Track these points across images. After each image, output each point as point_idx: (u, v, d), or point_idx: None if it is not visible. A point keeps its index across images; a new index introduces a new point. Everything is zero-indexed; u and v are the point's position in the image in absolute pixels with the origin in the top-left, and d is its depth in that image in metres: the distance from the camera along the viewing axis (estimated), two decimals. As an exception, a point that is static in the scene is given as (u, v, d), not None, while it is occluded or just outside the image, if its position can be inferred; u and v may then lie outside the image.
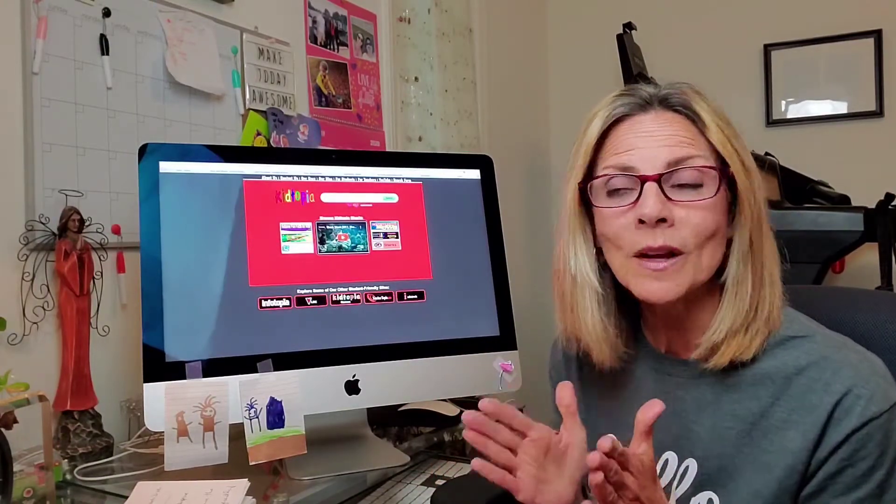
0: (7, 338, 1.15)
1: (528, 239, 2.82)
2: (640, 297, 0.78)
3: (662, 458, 0.82)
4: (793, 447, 0.72)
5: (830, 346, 0.75)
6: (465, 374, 1.23)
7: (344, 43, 1.88)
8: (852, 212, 2.00)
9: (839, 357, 0.73)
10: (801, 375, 0.74)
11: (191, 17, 1.45)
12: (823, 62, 2.53)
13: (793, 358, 0.75)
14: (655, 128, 0.78)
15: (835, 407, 0.71)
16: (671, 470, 0.81)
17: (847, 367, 0.72)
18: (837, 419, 0.70)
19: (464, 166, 1.35)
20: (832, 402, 0.71)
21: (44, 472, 0.98)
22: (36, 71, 1.20)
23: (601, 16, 2.83)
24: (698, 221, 0.75)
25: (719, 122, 0.78)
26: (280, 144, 1.62)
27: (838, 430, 0.70)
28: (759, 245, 0.77)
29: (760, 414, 0.75)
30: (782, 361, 0.75)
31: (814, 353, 0.74)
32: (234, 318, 1.10)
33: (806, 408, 0.72)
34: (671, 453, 0.82)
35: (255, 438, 1.02)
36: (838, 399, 0.71)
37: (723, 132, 0.77)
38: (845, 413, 0.70)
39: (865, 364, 0.73)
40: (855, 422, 0.70)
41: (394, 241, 1.25)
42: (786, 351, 0.76)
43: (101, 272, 1.26)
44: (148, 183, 1.11)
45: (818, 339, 0.76)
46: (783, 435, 0.73)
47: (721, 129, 0.77)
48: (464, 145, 2.12)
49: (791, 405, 0.73)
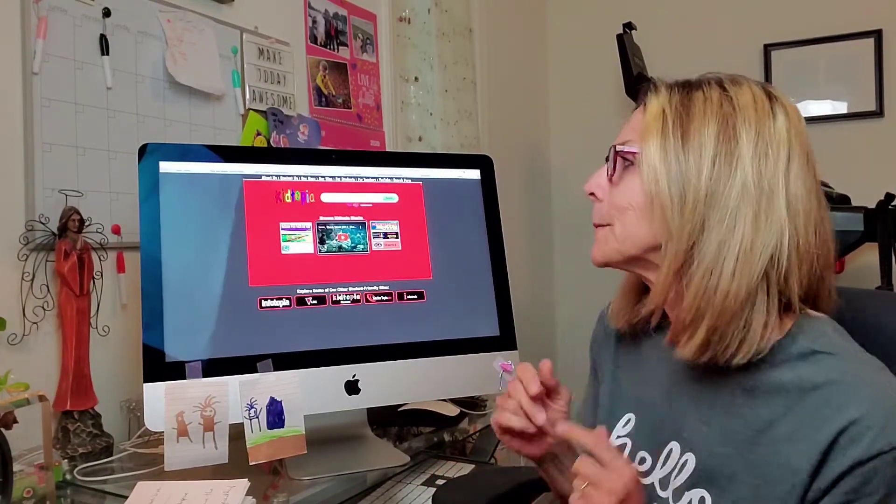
0: (7, 338, 1.15)
1: (528, 239, 2.82)
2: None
3: (667, 447, 0.82)
4: (795, 465, 0.70)
5: (854, 368, 0.71)
6: (465, 374, 1.23)
7: (344, 43, 1.88)
8: (852, 212, 2.00)
9: (859, 381, 0.70)
10: (816, 392, 0.71)
11: (191, 17, 1.45)
12: (823, 62, 2.53)
13: (812, 373, 0.72)
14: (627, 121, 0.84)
15: (841, 432, 0.67)
16: (672, 461, 0.81)
17: (865, 393, 0.68)
18: (843, 446, 0.67)
19: (464, 166, 1.35)
20: (839, 426, 0.67)
21: (44, 472, 0.98)
22: (36, 71, 1.20)
23: (601, 16, 2.83)
24: (611, 196, 0.83)
25: (667, 108, 0.78)
26: (280, 144, 1.62)
27: (842, 459, 0.67)
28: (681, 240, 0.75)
29: (769, 423, 0.73)
30: (800, 375, 0.73)
31: (834, 372, 0.71)
32: (234, 318, 1.10)
33: (813, 426, 0.69)
34: (675, 444, 0.82)
35: (255, 438, 1.02)
36: (846, 425, 0.67)
37: (661, 116, 0.78)
38: (851, 441, 0.66)
39: (888, 395, 0.68)
40: (860, 453, 0.66)
41: (394, 241, 1.25)
42: (807, 364, 0.73)
43: (101, 272, 1.26)
44: (148, 183, 1.11)
45: (844, 357, 0.73)
46: (787, 449, 0.71)
47: (661, 115, 0.78)
48: (464, 145, 2.12)
49: (800, 420, 0.71)
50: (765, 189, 0.74)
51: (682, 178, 0.75)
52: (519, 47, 2.81)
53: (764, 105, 0.77)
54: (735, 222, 0.73)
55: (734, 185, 0.74)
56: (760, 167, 0.74)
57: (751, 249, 0.73)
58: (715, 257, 0.73)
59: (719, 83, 0.79)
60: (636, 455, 0.86)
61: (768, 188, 0.74)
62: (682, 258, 0.75)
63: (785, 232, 0.73)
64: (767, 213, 0.73)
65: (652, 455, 0.84)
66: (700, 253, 0.74)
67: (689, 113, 0.77)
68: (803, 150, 0.77)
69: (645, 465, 0.84)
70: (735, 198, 0.73)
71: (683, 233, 0.75)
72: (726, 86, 0.79)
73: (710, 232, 0.74)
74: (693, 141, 0.76)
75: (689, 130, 0.76)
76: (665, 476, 0.81)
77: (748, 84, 0.79)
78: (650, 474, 0.83)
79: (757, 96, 0.77)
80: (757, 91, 0.78)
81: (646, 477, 0.84)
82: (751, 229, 0.73)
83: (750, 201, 0.73)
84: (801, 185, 0.75)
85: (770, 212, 0.73)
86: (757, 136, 0.75)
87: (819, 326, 0.76)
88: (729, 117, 0.76)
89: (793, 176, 0.75)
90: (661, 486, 0.82)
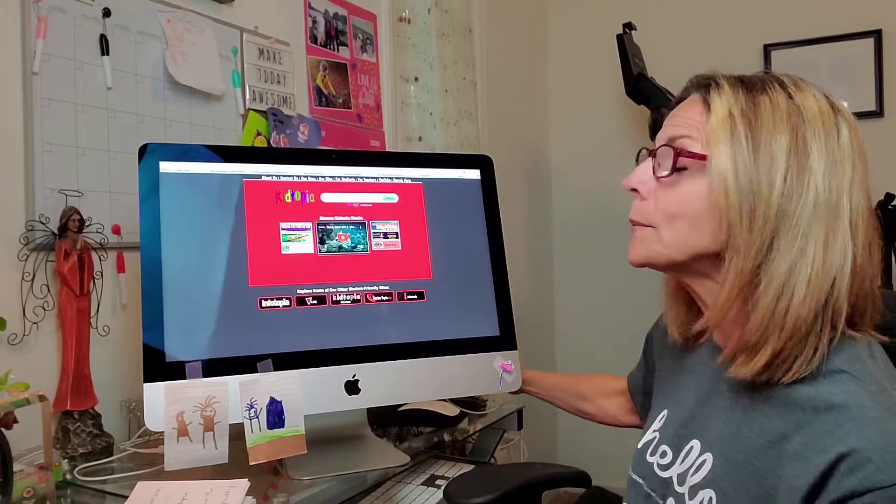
0: (7, 338, 1.15)
1: (528, 239, 2.82)
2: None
3: (689, 444, 0.82)
4: (794, 484, 0.68)
5: (874, 401, 0.68)
6: (465, 374, 1.23)
7: (344, 43, 1.88)
8: (852, 212, 2.00)
9: (874, 415, 0.66)
10: (827, 413, 0.68)
11: (191, 17, 1.45)
12: (823, 62, 2.53)
13: (829, 392, 0.69)
14: (678, 111, 0.80)
15: (839, 459, 0.64)
16: (692, 458, 0.80)
17: (874, 427, 0.65)
18: (841, 474, 0.64)
19: (464, 166, 1.35)
20: (839, 452, 0.65)
21: (44, 472, 0.98)
22: (36, 71, 1.20)
23: (601, 16, 2.83)
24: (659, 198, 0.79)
25: (735, 111, 0.74)
26: (280, 144, 1.62)
27: (838, 487, 0.64)
28: (750, 251, 0.72)
29: (782, 436, 0.71)
30: (818, 392, 0.70)
31: (851, 397, 0.68)
32: (234, 318, 1.10)
33: (818, 448, 0.67)
34: (696, 442, 0.81)
35: (255, 438, 1.02)
36: (846, 452, 0.64)
37: (729, 120, 0.74)
38: (850, 471, 0.64)
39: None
40: (856, 483, 0.63)
41: (394, 241, 1.25)
42: (829, 383, 0.70)
43: (101, 272, 1.26)
44: (148, 183, 1.11)
45: (869, 387, 0.69)
46: (793, 466, 0.69)
47: (729, 119, 0.74)
48: (464, 145, 2.12)
49: (807, 439, 0.69)
50: (832, 207, 0.71)
51: (752, 191, 0.71)
52: (519, 47, 2.81)
53: (830, 117, 0.74)
54: (807, 243, 0.70)
55: (806, 202, 0.71)
56: (831, 184, 0.71)
57: (822, 271, 0.70)
58: (786, 279, 0.70)
59: (782, 86, 0.76)
60: (658, 448, 0.87)
61: (835, 206, 0.71)
62: (749, 277, 0.71)
63: (848, 252, 0.70)
64: (835, 233, 0.70)
65: (673, 450, 0.84)
66: (768, 273, 0.71)
67: (759, 120, 0.73)
68: (864, 164, 0.75)
69: (666, 459, 0.85)
70: (807, 216, 0.70)
71: (752, 249, 0.71)
72: (791, 91, 0.75)
73: (779, 251, 0.71)
74: (765, 151, 0.72)
75: (760, 139, 0.72)
76: (683, 472, 0.81)
77: (811, 91, 0.76)
78: (669, 468, 0.83)
79: (822, 107, 0.74)
80: (821, 101, 0.75)
81: (665, 471, 0.84)
82: (821, 250, 0.70)
83: (821, 220, 0.70)
84: (862, 201, 0.73)
85: (837, 231, 0.70)
86: (826, 151, 0.72)
87: (856, 347, 0.73)
88: (798, 128, 0.73)
89: (855, 192, 0.72)
90: (678, 481, 0.81)
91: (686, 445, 0.82)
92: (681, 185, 0.77)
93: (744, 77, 0.78)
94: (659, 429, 0.89)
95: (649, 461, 0.87)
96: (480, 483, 1.05)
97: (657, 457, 0.86)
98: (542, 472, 1.13)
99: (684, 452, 0.82)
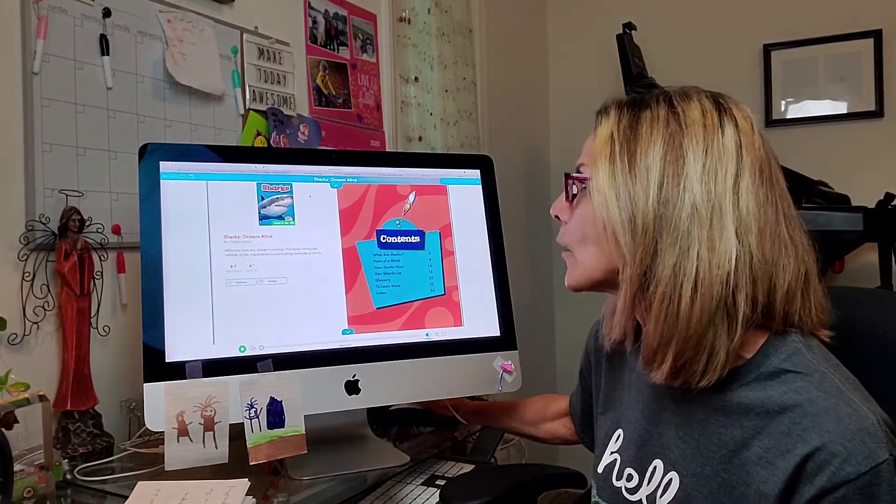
0: (7, 338, 1.15)
1: (528, 239, 2.82)
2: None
3: (651, 464, 0.82)
4: (766, 490, 0.68)
5: (821, 390, 0.69)
6: (465, 374, 1.23)
7: (344, 43, 1.88)
8: (852, 212, 2.00)
9: (825, 405, 0.67)
10: (782, 415, 0.69)
11: (191, 17, 1.45)
12: (823, 62, 2.53)
13: (779, 394, 0.70)
14: (586, 141, 0.86)
15: (805, 459, 0.66)
16: (657, 478, 0.81)
17: (829, 418, 0.66)
18: (809, 474, 0.65)
19: (464, 166, 1.35)
20: (803, 453, 0.66)
21: (44, 472, 0.98)
22: (36, 71, 1.20)
23: (601, 16, 2.83)
24: (569, 223, 0.86)
25: (615, 131, 0.77)
26: (280, 144, 1.62)
27: (809, 487, 0.65)
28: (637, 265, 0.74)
29: (742, 444, 0.72)
30: (768, 395, 0.71)
31: (801, 394, 0.69)
32: (234, 318, 1.10)
33: (780, 451, 0.68)
34: (659, 461, 0.81)
35: (255, 438, 1.02)
36: (810, 452, 0.66)
37: (609, 140, 0.77)
38: (818, 469, 0.65)
39: (853, 419, 0.66)
40: (826, 482, 0.64)
41: (394, 241, 1.25)
42: (777, 384, 0.71)
43: (102, 272, 1.26)
44: (148, 183, 1.11)
45: (813, 378, 0.70)
46: (758, 472, 0.70)
47: (609, 139, 0.78)
48: (464, 145, 2.12)
49: (768, 444, 0.70)
50: (715, 208, 0.71)
51: (630, 202, 0.74)
52: (519, 47, 2.81)
53: (713, 119, 0.74)
54: (688, 244, 0.71)
55: (683, 206, 0.72)
56: (709, 186, 0.72)
57: (708, 272, 0.70)
58: (671, 281, 0.72)
59: (668, 99, 0.77)
60: (624, 471, 0.86)
61: (718, 207, 0.71)
62: (638, 282, 0.74)
63: (739, 251, 0.71)
64: (721, 234, 0.71)
65: (638, 471, 0.84)
66: (655, 277, 0.73)
67: (636, 135, 0.76)
68: (755, 161, 0.74)
69: (633, 482, 0.84)
70: (686, 219, 0.72)
71: (636, 257, 0.74)
72: (675, 101, 0.76)
73: (662, 256, 0.72)
74: (640, 164, 0.74)
75: (636, 153, 0.75)
76: (651, 493, 0.81)
77: (698, 98, 0.77)
78: (637, 491, 0.83)
79: (706, 110, 0.75)
80: (707, 104, 0.76)
81: (634, 494, 0.83)
82: (706, 252, 0.71)
83: (702, 222, 0.71)
84: (751, 199, 0.72)
85: (722, 231, 0.71)
86: (705, 154, 0.73)
87: (792, 343, 0.74)
88: (675, 135, 0.74)
89: (742, 191, 0.72)
90: (647, 502, 0.81)
91: (649, 466, 0.82)
92: (579, 209, 0.83)
93: (637, 98, 0.80)
94: (618, 450, 0.89)
95: (616, 486, 0.87)
96: (475, 485, 1.05)
97: (623, 480, 0.86)
98: (537, 473, 1.13)
99: (649, 473, 0.82)
